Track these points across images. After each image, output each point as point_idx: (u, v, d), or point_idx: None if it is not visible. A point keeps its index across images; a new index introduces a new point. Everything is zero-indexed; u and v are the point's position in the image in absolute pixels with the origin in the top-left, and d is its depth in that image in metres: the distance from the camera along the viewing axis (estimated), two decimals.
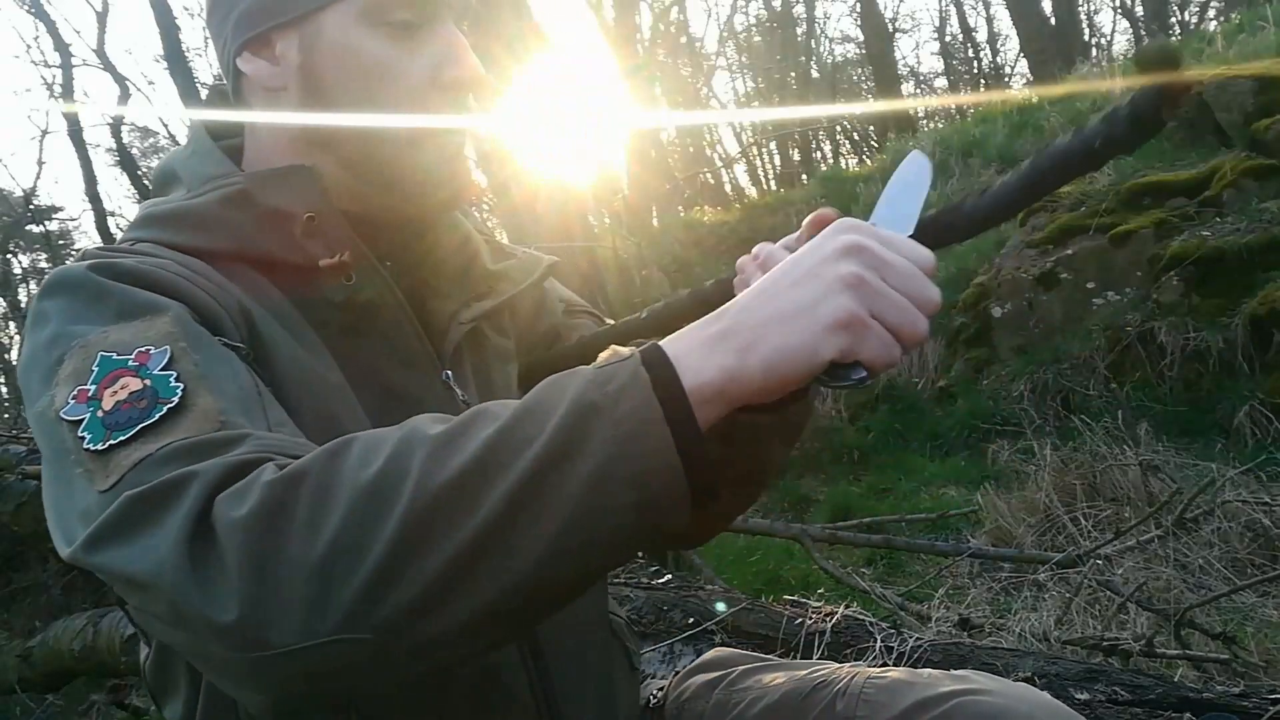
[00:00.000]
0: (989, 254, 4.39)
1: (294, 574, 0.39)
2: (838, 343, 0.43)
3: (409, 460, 0.41)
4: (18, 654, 2.11)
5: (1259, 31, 4.97)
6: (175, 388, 0.47)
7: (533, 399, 0.43)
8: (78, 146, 10.84)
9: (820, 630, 1.63)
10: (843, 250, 0.46)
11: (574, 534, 0.40)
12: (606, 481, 0.40)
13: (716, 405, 0.43)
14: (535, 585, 0.41)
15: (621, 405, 0.41)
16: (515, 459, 0.40)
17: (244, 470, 0.43)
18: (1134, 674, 1.43)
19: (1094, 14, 14.23)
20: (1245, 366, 3.03)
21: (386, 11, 0.58)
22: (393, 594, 0.39)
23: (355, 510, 0.40)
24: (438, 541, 0.39)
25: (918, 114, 11.46)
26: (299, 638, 0.39)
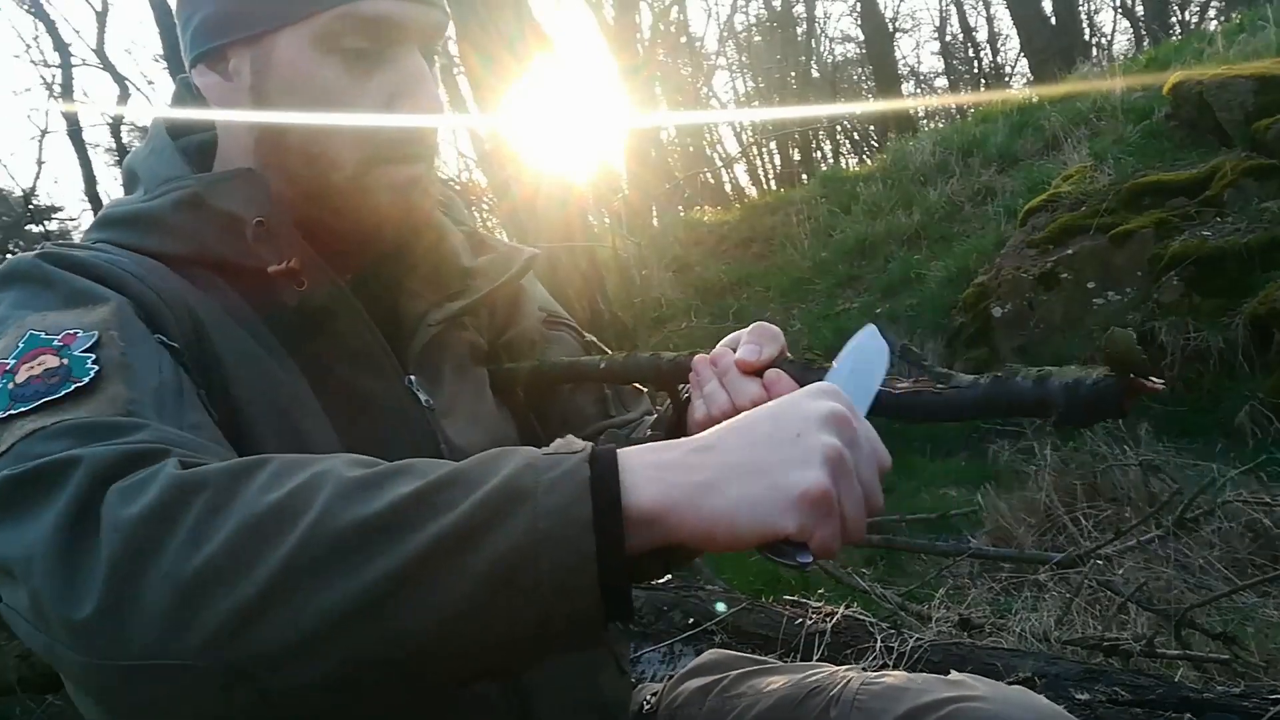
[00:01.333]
0: (989, 254, 4.39)
1: (162, 585, 0.37)
2: (800, 518, 0.40)
3: (313, 497, 0.39)
4: (17, 654, 2.11)
5: (1259, 31, 4.97)
6: (89, 369, 0.46)
7: (466, 466, 0.41)
8: (77, 146, 10.84)
9: (820, 630, 1.63)
10: (828, 418, 0.42)
11: (462, 623, 0.37)
12: (512, 574, 0.37)
13: (650, 534, 0.40)
14: (413, 660, 0.38)
15: (551, 498, 0.38)
16: (422, 525, 0.38)
17: (137, 461, 0.41)
18: (1134, 674, 1.43)
19: (1094, 13, 14.25)
20: (1246, 366, 3.03)
21: (341, 38, 0.57)
22: (255, 631, 0.37)
23: (242, 534, 0.38)
24: (315, 590, 0.37)
25: (918, 113, 11.46)
26: (149, 653, 0.37)
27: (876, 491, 0.43)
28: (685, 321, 5.59)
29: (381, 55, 0.58)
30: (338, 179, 0.59)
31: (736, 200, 10.56)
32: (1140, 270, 3.54)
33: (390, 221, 0.61)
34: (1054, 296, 3.77)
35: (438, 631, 0.38)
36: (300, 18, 0.57)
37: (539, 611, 0.38)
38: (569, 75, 6.02)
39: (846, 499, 0.41)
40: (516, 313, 0.74)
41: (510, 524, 0.38)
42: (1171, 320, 3.27)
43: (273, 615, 0.37)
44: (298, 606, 0.37)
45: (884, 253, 5.45)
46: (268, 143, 0.60)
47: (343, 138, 0.58)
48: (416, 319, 0.64)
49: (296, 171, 0.59)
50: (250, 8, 0.58)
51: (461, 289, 0.66)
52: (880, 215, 5.84)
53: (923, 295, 4.61)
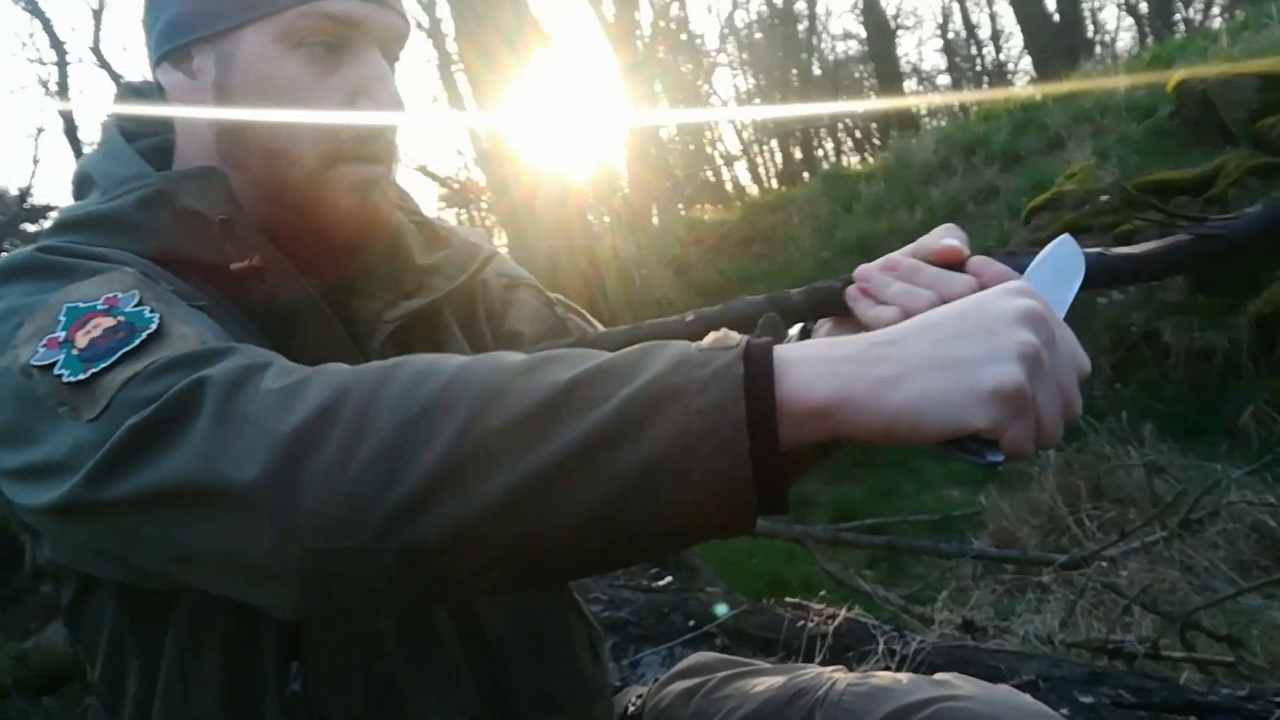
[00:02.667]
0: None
1: (326, 475, 0.39)
2: (993, 413, 0.38)
3: (470, 385, 0.40)
4: (13, 656, 2.10)
5: (1264, 29, 4.95)
6: (151, 318, 0.47)
7: (620, 358, 0.41)
8: (73, 144, 10.85)
9: (822, 633, 1.62)
10: (1025, 315, 0.41)
11: (617, 515, 0.38)
12: (665, 472, 0.38)
13: (815, 427, 0.39)
14: (572, 547, 0.40)
15: (704, 397, 0.38)
16: (574, 419, 0.38)
17: (256, 370, 0.42)
18: (1139, 677, 1.42)
19: (1098, 11, 14.26)
20: (1250, 366, 3.02)
21: (304, 34, 0.57)
22: (423, 519, 0.38)
23: (405, 424, 0.39)
24: (475, 480, 0.38)
25: (920, 111, 11.44)
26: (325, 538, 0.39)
27: (1075, 396, 0.42)
28: None
29: (344, 54, 0.59)
30: (297, 176, 0.59)
31: (737, 199, 10.56)
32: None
33: (348, 220, 0.61)
34: None
35: (591, 523, 0.38)
36: (265, 14, 0.57)
37: (694, 508, 0.38)
38: (568, 73, 6.01)
39: (1043, 398, 0.40)
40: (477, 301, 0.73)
41: (662, 422, 0.38)
42: (1176, 320, 3.26)
43: (439, 503, 0.38)
44: (460, 495, 0.38)
45: (886, 252, 5.37)
46: (228, 140, 0.60)
47: (303, 135, 0.58)
48: (372, 319, 0.63)
49: (256, 169, 0.60)
50: (215, 5, 0.58)
51: (417, 287, 0.65)
52: (882, 214, 5.83)
53: None
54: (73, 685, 2.12)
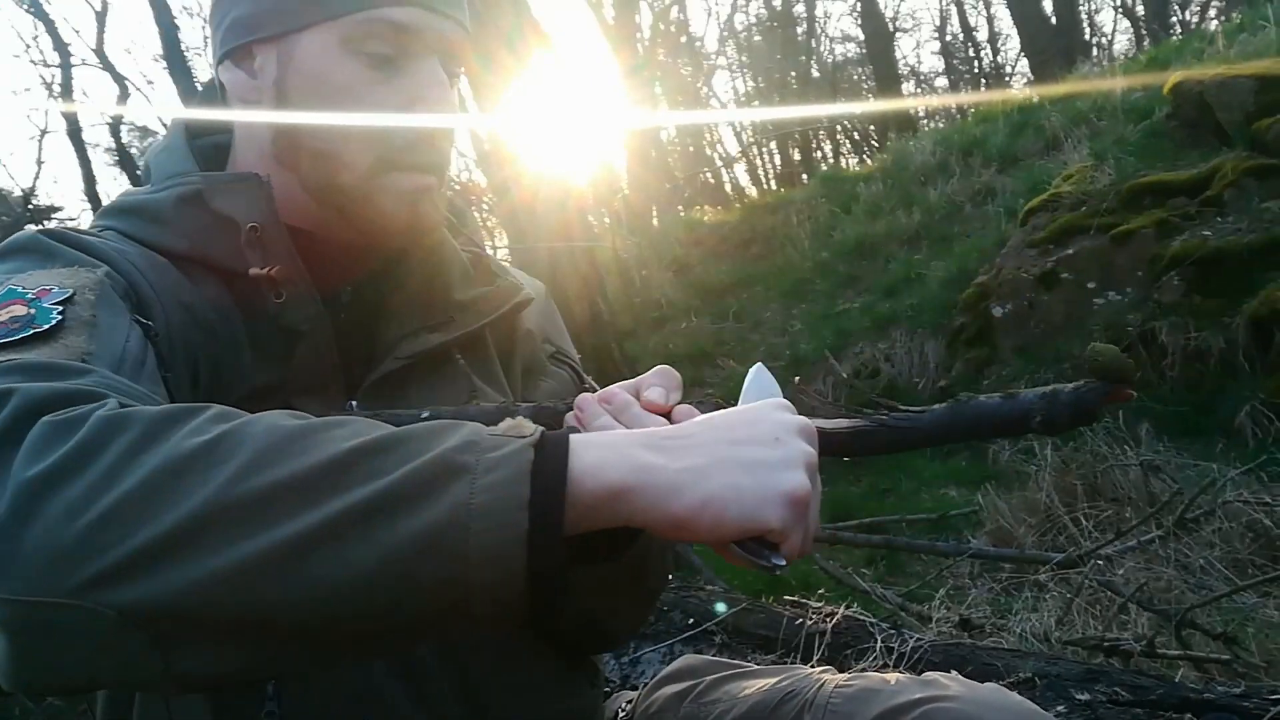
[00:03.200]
0: (990, 254, 4.38)
1: (63, 517, 0.36)
2: (785, 516, 0.41)
3: (239, 446, 0.37)
4: None
5: (1260, 31, 4.96)
6: (53, 318, 0.47)
7: (410, 432, 0.39)
8: (77, 146, 10.86)
9: (820, 631, 1.63)
10: (801, 429, 0.44)
11: (374, 591, 0.36)
12: (435, 550, 0.36)
13: (607, 513, 0.39)
14: (318, 623, 0.37)
15: (489, 476, 0.37)
16: (346, 489, 0.36)
17: (72, 398, 0.40)
18: (1135, 674, 1.43)
19: (1095, 13, 14.24)
20: (1246, 366, 3.03)
21: (365, 42, 0.58)
22: (153, 576, 0.35)
23: (159, 475, 0.37)
24: (224, 542, 0.35)
25: (918, 113, 11.46)
26: (39, 588, 0.35)
27: (818, 517, 0.45)
28: (685, 322, 5.59)
29: (403, 62, 0.59)
30: (347, 180, 0.59)
31: (737, 200, 10.56)
32: (1141, 270, 3.54)
33: (395, 229, 0.61)
34: (1054, 296, 3.76)
35: (347, 597, 0.36)
36: (328, 18, 0.58)
37: (460, 590, 0.37)
38: (569, 75, 6.02)
39: (812, 509, 0.43)
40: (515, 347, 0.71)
41: (441, 499, 0.37)
42: (1172, 320, 3.26)
43: (174, 561, 0.35)
44: (203, 555, 0.35)
45: (884, 253, 5.44)
46: (284, 141, 0.61)
47: (356, 140, 0.59)
48: (387, 346, 0.63)
49: (307, 171, 0.60)
50: (280, 7, 0.59)
51: (444, 321, 0.65)
52: (880, 215, 5.84)
53: (923, 295, 4.61)
54: None
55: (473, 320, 0.65)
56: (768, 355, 4.89)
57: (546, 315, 0.75)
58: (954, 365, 4.07)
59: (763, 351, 4.97)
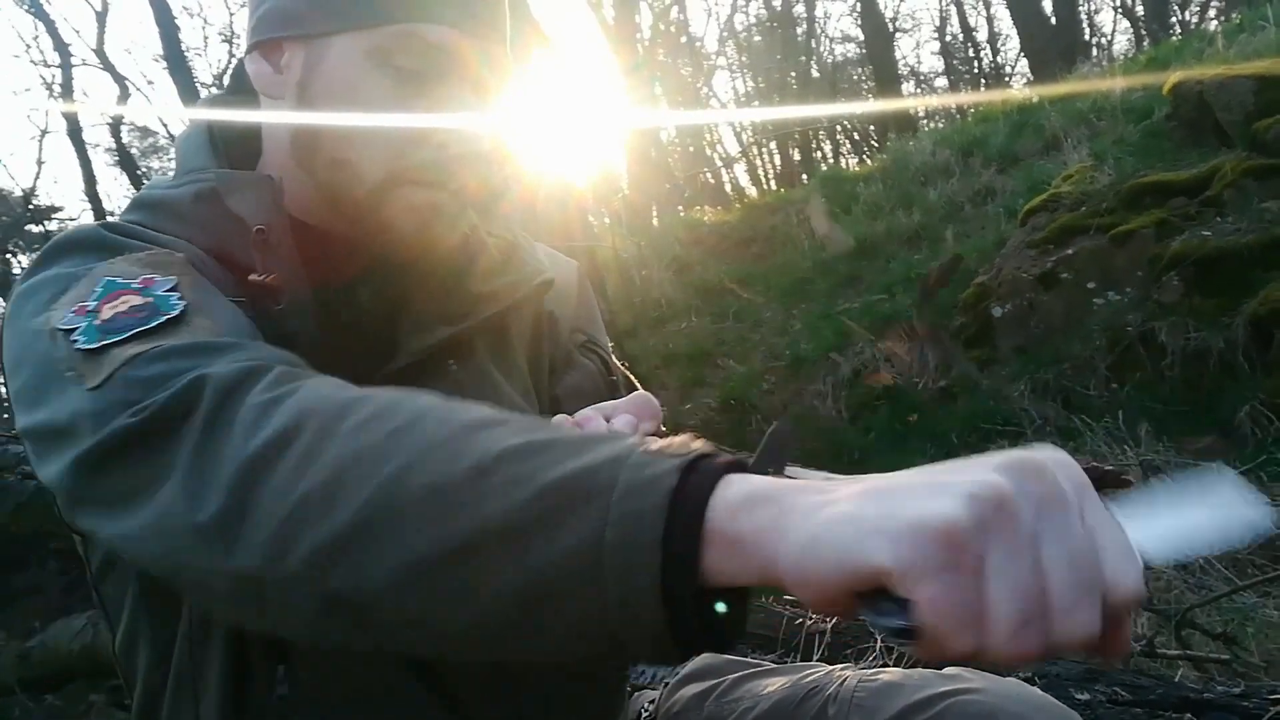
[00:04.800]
0: (989, 254, 4.38)
1: (271, 504, 0.38)
2: (903, 551, 0.28)
3: (407, 440, 0.38)
4: (17, 654, 2.11)
5: (1259, 31, 4.96)
6: (176, 304, 0.48)
7: (560, 437, 0.37)
8: (77, 146, 10.85)
9: (820, 630, 1.63)
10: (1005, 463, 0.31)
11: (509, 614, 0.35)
12: (554, 585, 0.34)
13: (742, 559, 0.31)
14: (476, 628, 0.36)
15: (624, 504, 0.33)
16: (490, 500, 0.35)
17: (258, 373, 0.42)
18: (1134, 674, 1.43)
19: (1094, 13, 14.24)
20: (1246, 366, 3.03)
21: (395, 55, 0.57)
22: (344, 564, 0.37)
23: (339, 466, 0.38)
24: (392, 537, 0.36)
25: (918, 113, 11.46)
26: (258, 570, 0.38)
27: (1084, 605, 0.28)
28: (685, 321, 5.59)
29: (431, 80, 0.58)
30: (359, 191, 0.59)
31: (737, 200, 10.55)
32: (1140, 270, 3.54)
33: (402, 241, 0.61)
34: (1054, 297, 3.77)
35: (489, 616, 0.35)
36: (360, 27, 0.57)
37: (601, 625, 0.34)
38: (569, 75, 6.02)
39: (1004, 565, 0.28)
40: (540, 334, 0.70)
41: (577, 521, 0.33)
42: (1172, 320, 3.27)
43: (358, 551, 0.37)
44: (378, 548, 0.37)
45: (884, 253, 5.44)
46: (301, 143, 0.61)
47: (372, 151, 0.58)
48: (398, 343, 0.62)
49: (322, 176, 0.60)
50: (315, 7, 0.59)
51: (465, 313, 0.64)
52: (880, 215, 5.84)
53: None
54: (77, 684, 2.12)
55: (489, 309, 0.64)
56: (768, 355, 4.89)
57: (580, 300, 0.74)
58: (953, 366, 4.07)
59: (763, 351, 4.97)
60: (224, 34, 12.43)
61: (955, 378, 3.97)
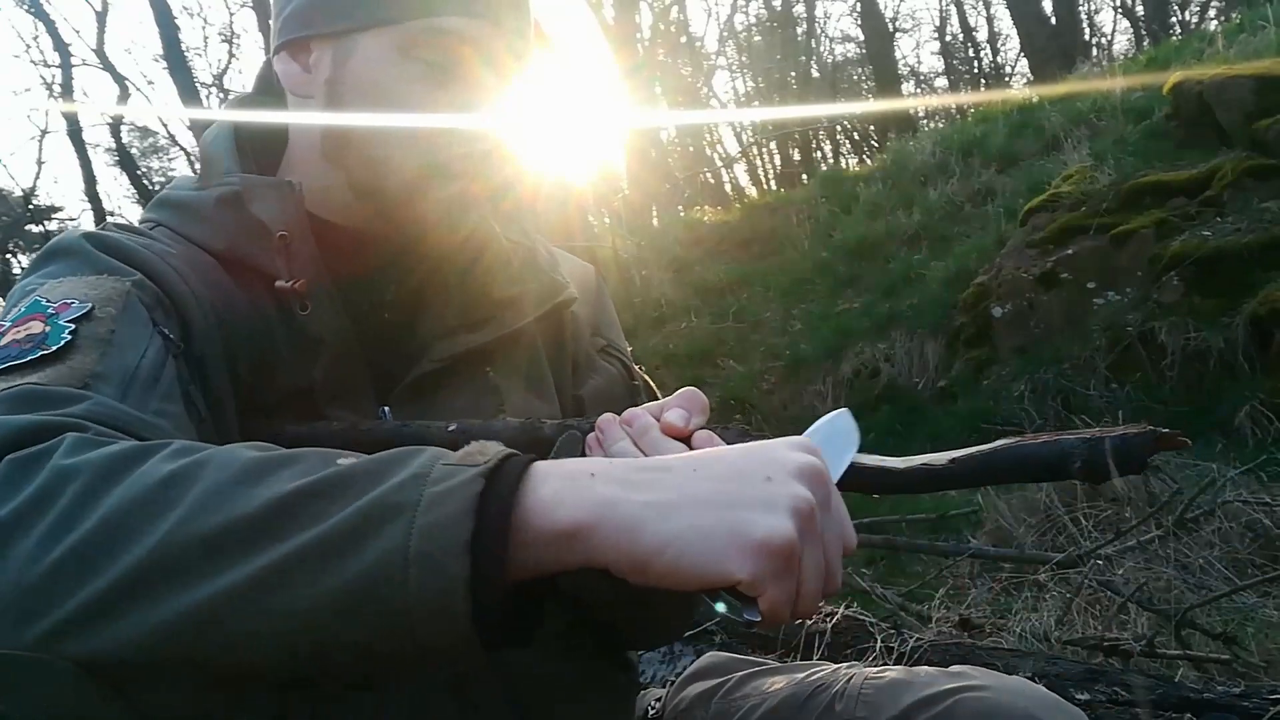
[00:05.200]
0: (990, 254, 4.39)
1: (18, 569, 0.35)
2: (757, 566, 0.36)
3: (186, 490, 0.36)
4: None
5: (1259, 31, 4.97)
6: (63, 338, 0.46)
7: (358, 468, 0.37)
8: (77, 146, 10.86)
9: (820, 630, 1.63)
10: (804, 470, 0.39)
11: (318, 636, 0.35)
12: (371, 596, 0.34)
13: (563, 553, 0.36)
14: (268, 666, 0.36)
15: (430, 515, 0.35)
16: (286, 534, 0.35)
17: (41, 433, 0.39)
18: (1135, 674, 1.43)
19: (1094, 13, 14.25)
20: (1246, 366, 3.03)
21: (421, 49, 0.58)
22: (106, 628, 0.34)
23: (106, 525, 0.36)
24: (169, 591, 0.35)
25: (918, 113, 11.46)
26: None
27: (837, 569, 0.40)
28: (685, 321, 5.59)
29: (460, 72, 0.59)
30: (393, 184, 0.60)
31: (736, 200, 10.56)
32: (1140, 270, 3.54)
33: (435, 234, 0.61)
34: (1054, 297, 3.77)
35: (292, 644, 0.35)
36: (389, 22, 0.58)
37: (405, 634, 0.35)
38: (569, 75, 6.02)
39: (809, 561, 0.38)
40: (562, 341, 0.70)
41: (372, 546, 0.34)
42: (1171, 320, 3.27)
43: (124, 610, 0.35)
44: (151, 603, 0.35)
45: (884, 253, 5.44)
46: (332, 140, 0.61)
47: (404, 146, 0.59)
48: (422, 347, 0.62)
49: (355, 172, 0.60)
50: (340, 6, 0.59)
51: (483, 320, 0.64)
52: (880, 215, 5.84)
53: (923, 295, 4.61)
54: None
55: (512, 320, 0.64)
56: (768, 355, 4.89)
57: (597, 304, 0.73)
58: (954, 365, 4.07)
59: (763, 351, 4.97)
60: (224, 34, 12.45)
61: (955, 377, 3.97)
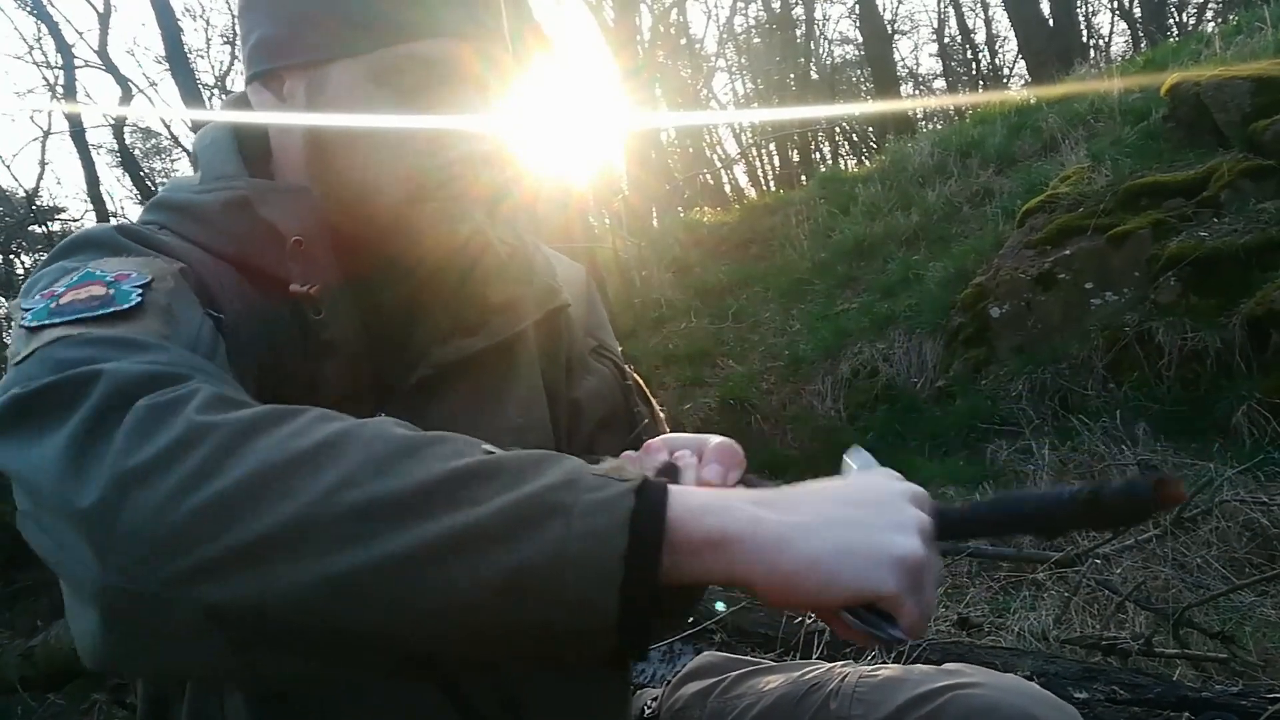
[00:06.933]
0: (987, 254, 4.39)
1: (158, 508, 0.36)
2: (899, 581, 0.38)
3: (341, 455, 0.37)
4: (20, 653, 2.11)
5: (1256, 32, 4.98)
6: (133, 299, 0.47)
7: (510, 460, 0.39)
8: (80, 147, 10.82)
9: (819, 629, 1.64)
10: (914, 496, 0.43)
11: (465, 620, 0.36)
12: (530, 587, 0.36)
13: (706, 565, 0.38)
14: (408, 642, 0.37)
15: (587, 521, 0.36)
16: (444, 513, 0.36)
17: (160, 380, 0.41)
18: (1133, 673, 1.44)
19: (1092, 15, 14.25)
20: (1243, 366, 3.04)
21: (394, 75, 0.57)
22: (243, 578, 0.35)
23: (258, 477, 0.36)
24: (316, 553, 0.35)
25: (916, 115, 11.47)
26: (133, 576, 0.36)
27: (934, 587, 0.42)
28: (685, 322, 5.59)
29: (435, 93, 0.58)
30: (381, 212, 0.59)
31: (736, 201, 10.57)
32: (1138, 271, 3.55)
33: (431, 254, 0.61)
34: (1052, 297, 3.77)
35: (438, 622, 0.36)
36: (359, 51, 0.57)
37: (552, 632, 0.37)
38: (569, 77, 6.03)
39: (928, 581, 0.40)
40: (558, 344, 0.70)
41: (539, 538, 0.36)
42: (1169, 321, 3.27)
43: (264, 565, 0.35)
44: (294, 563, 0.35)
45: (883, 253, 5.45)
46: (318, 166, 0.60)
47: (388, 172, 0.58)
48: (419, 352, 0.62)
49: (340, 196, 0.60)
50: (309, 35, 0.58)
51: (478, 324, 0.63)
52: (879, 216, 5.84)
53: (921, 296, 4.61)
54: (79, 682, 2.12)
55: (509, 325, 0.64)
56: (767, 355, 4.90)
57: (588, 304, 0.73)
58: (952, 365, 4.07)
59: (762, 351, 4.98)
60: (226, 35, 12.41)
61: (953, 377, 3.98)
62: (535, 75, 3.65)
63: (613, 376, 0.71)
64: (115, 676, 2.02)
